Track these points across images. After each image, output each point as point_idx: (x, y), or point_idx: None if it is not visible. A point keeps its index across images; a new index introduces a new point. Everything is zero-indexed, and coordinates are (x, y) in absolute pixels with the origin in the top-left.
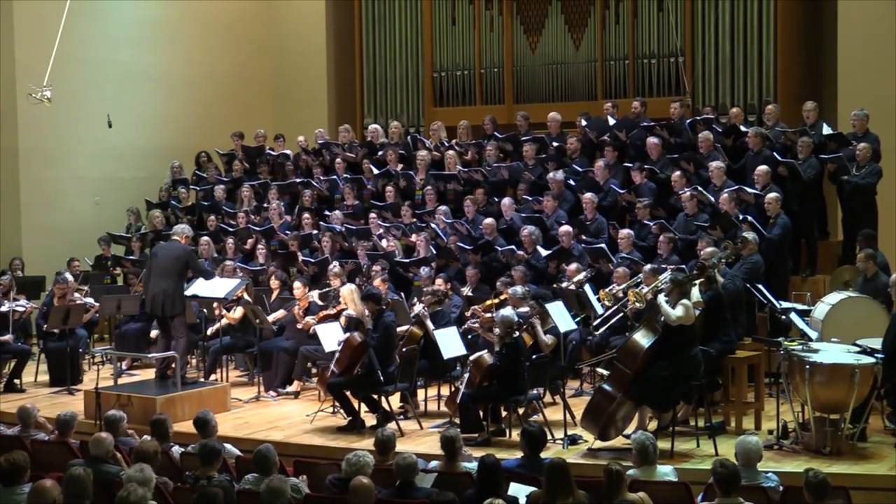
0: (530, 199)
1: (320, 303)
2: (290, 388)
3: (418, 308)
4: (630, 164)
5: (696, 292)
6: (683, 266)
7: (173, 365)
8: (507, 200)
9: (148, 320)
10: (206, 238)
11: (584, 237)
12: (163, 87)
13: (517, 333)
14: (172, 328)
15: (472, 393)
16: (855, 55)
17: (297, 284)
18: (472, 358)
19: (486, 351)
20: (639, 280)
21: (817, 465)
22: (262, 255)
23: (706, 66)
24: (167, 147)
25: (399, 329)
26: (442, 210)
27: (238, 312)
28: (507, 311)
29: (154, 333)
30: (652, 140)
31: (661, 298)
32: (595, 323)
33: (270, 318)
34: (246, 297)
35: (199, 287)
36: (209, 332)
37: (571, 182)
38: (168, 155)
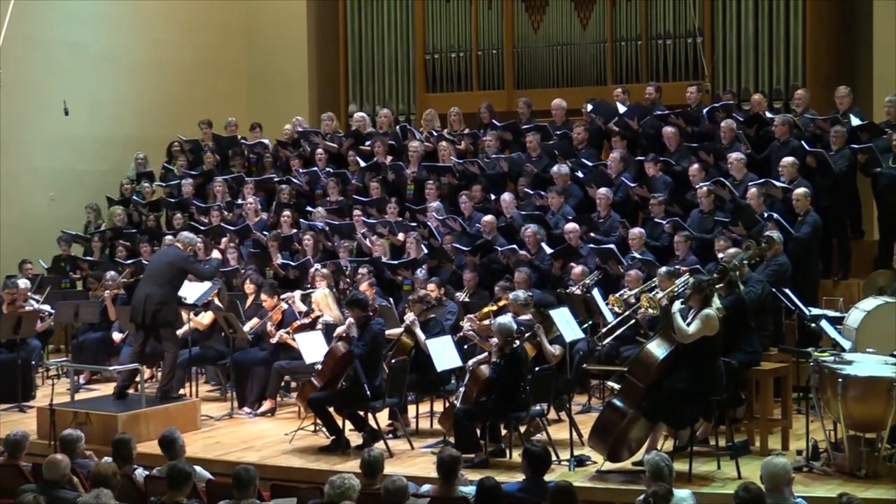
0: (532, 193)
1: (302, 308)
2: (264, 407)
3: (409, 317)
4: (642, 156)
5: (716, 299)
6: (700, 267)
7: (137, 379)
8: (507, 196)
9: (110, 329)
10: (170, 238)
11: (593, 235)
12: (125, 71)
13: (517, 343)
14: (163, 339)
15: (469, 409)
16: (892, 36)
17: (263, 296)
18: (469, 363)
19: (482, 358)
20: (653, 284)
21: (851, 489)
22: (233, 257)
23: (727, 48)
24: (130, 137)
25: (388, 332)
26: (434, 206)
27: (207, 318)
28: (505, 319)
29: (118, 337)
30: (667, 129)
31: (676, 307)
32: (604, 331)
33: (246, 326)
34: (217, 302)
35: None
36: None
37: (580, 175)
38: (131, 146)
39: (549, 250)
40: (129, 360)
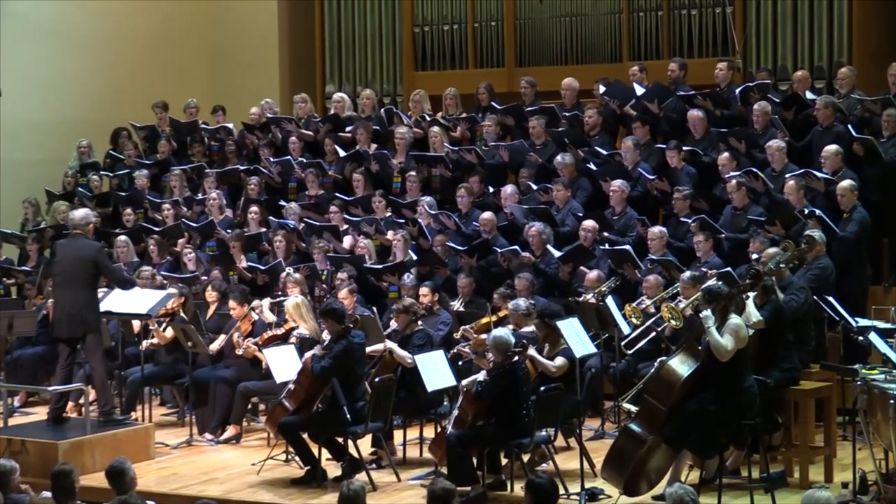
0: (535, 187)
1: (270, 319)
2: (228, 433)
3: (387, 344)
4: (664, 144)
5: (752, 309)
6: (731, 271)
7: (80, 401)
8: (508, 188)
9: (49, 343)
10: (123, 238)
11: (606, 234)
12: (68, 45)
13: (517, 358)
14: (86, 351)
15: (464, 434)
16: None
17: (231, 303)
18: (463, 383)
19: (480, 376)
20: (675, 291)
21: None
22: (191, 260)
23: (762, 19)
24: (73, 121)
25: (371, 349)
26: (425, 201)
27: (171, 331)
28: (501, 331)
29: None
30: (693, 113)
31: (710, 320)
32: (620, 345)
33: (214, 345)
34: (182, 314)
35: (115, 300)
36: (142, 347)
37: (592, 166)
38: (74, 132)
39: (555, 252)
40: (58, 380)
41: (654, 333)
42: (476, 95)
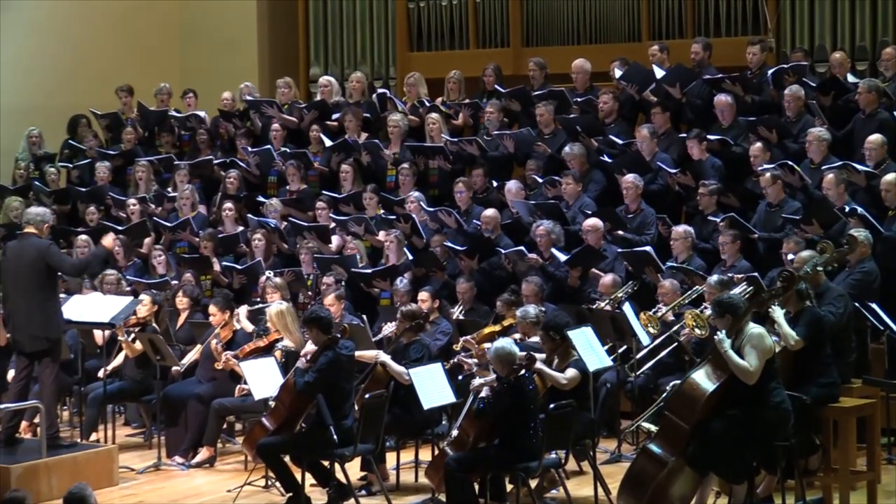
0: (543, 180)
1: (249, 328)
2: (201, 456)
3: (380, 355)
4: (687, 133)
5: (786, 328)
6: (758, 276)
7: (35, 420)
8: (512, 184)
9: (5, 356)
10: (84, 237)
11: (622, 234)
12: (18, 22)
13: (524, 372)
14: (40, 364)
15: (465, 457)
16: None
17: (212, 309)
18: (474, 381)
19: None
20: (694, 295)
21: None
22: (160, 263)
23: None
24: (26, 109)
25: (360, 353)
26: (416, 196)
27: (140, 343)
28: (504, 342)
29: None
30: (721, 97)
31: (727, 342)
32: (638, 358)
33: (186, 359)
34: (154, 324)
35: (75, 307)
36: (106, 369)
37: (606, 158)
38: (24, 119)
39: (560, 256)
40: (11, 397)
41: (675, 344)
42: (483, 79)
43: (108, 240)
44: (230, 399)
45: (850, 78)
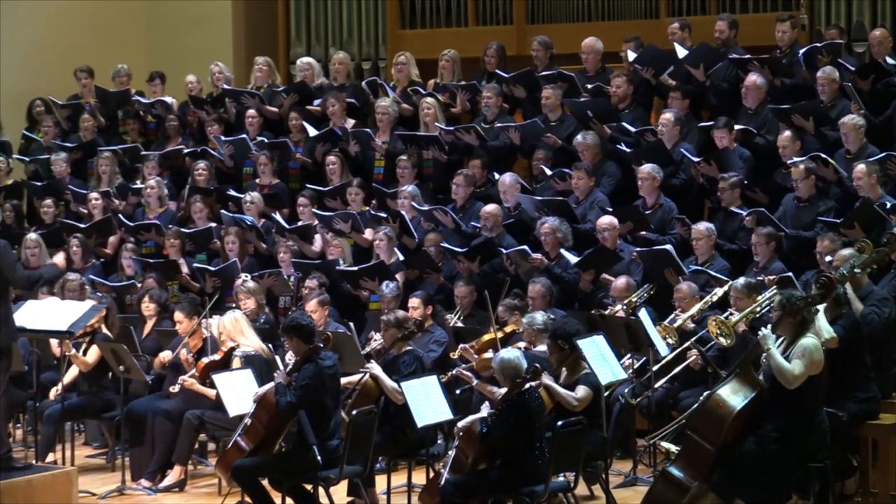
0: (551, 173)
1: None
2: (170, 479)
3: (371, 366)
4: (710, 121)
5: (823, 323)
6: (792, 277)
7: None
8: (507, 177)
9: None
10: (33, 237)
11: (644, 234)
12: None
13: (530, 385)
14: None
15: (463, 481)
16: None
17: (178, 316)
18: (459, 424)
19: (484, 410)
20: (713, 300)
21: None
22: (129, 265)
23: None
24: None
25: (346, 380)
26: (409, 191)
27: (93, 353)
28: (509, 353)
29: None
30: (752, 77)
31: (770, 340)
32: (655, 370)
33: (160, 357)
34: (105, 330)
35: (28, 314)
36: (63, 383)
37: (622, 147)
38: None
39: (571, 258)
40: None
41: (693, 356)
42: (483, 60)
43: (60, 259)
44: (202, 411)
45: (890, 60)
